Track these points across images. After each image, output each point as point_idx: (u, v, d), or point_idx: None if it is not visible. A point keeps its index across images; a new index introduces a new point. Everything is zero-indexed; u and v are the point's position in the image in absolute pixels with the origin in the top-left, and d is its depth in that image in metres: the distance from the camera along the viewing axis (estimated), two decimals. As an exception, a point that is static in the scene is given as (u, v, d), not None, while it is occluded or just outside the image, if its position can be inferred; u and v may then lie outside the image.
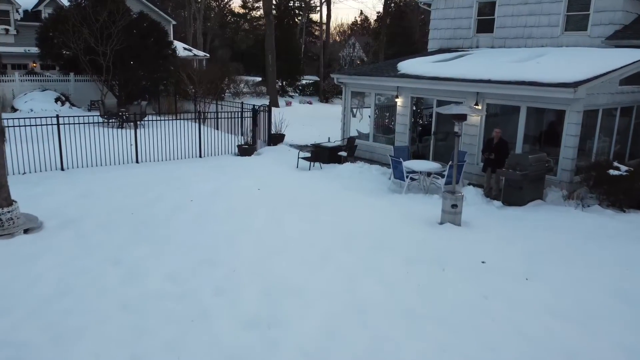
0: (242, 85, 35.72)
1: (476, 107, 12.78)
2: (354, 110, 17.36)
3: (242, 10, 72.07)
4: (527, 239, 8.68)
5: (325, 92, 35.91)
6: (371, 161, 15.75)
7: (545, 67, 12.20)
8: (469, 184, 12.51)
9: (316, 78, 42.15)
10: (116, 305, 6.23)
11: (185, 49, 51.01)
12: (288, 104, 32.69)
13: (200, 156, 15.21)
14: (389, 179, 12.74)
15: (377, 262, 7.62)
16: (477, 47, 17.31)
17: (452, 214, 9.12)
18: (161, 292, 6.59)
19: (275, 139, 17.91)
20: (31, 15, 31.71)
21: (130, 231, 8.73)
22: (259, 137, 17.38)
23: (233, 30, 73.15)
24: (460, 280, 7.07)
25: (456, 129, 9.06)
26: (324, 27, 45.88)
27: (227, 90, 34.51)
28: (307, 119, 26.30)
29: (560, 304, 6.49)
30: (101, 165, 13.54)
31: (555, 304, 6.50)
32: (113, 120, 19.32)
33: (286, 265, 7.49)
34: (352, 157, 14.96)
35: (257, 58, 41.28)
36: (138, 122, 18.98)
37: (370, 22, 64.58)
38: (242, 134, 16.84)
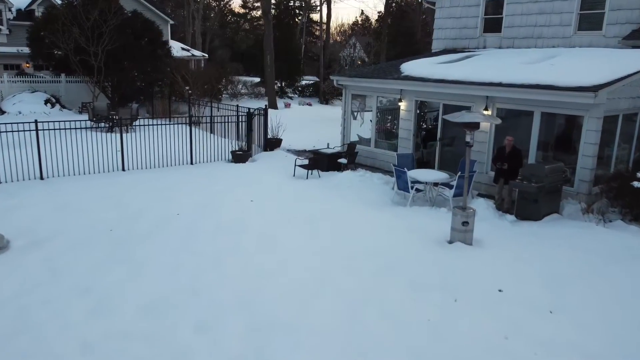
0: (239, 86, 34.86)
1: (485, 112, 11.93)
2: (355, 113, 16.50)
3: (242, 10, 71.44)
4: (546, 261, 7.80)
5: (325, 94, 35.04)
6: (373, 168, 14.89)
7: (561, 69, 11.33)
8: (478, 195, 11.64)
9: (317, 79, 41.30)
10: (78, 347, 5.37)
11: (183, 48, 50.26)
12: (287, 105, 31.84)
13: (191, 163, 14.34)
14: (392, 189, 11.88)
15: (380, 289, 6.76)
16: (484, 47, 16.44)
17: (462, 232, 8.26)
18: (132, 330, 5.73)
19: (272, 144, 17.06)
20: (24, 14, 30.92)
21: (106, 252, 7.86)
22: (254, 142, 16.54)
23: (233, 30, 72.51)
24: (476, 313, 6.20)
25: (468, 138, 8.18)
26: (324, 26, 45.02)
27: (225, 92, 33.69)
28: (306, 122, 25.44)
29: (592, 345, 5.62)
30: (84, 173, 12.68)
31: (585, 344, 5.63)
32: (102, 124, 18.45)
33: (278, 294, 6.62)
34: (353, 164, 14.10)
35: (257, 58, 40.42)
36: (128, 126, 18.20)
37: (371, 22, 63.77)
38: (237, 139, 15.98)
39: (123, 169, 13.22)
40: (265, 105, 16.55)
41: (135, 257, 7.66)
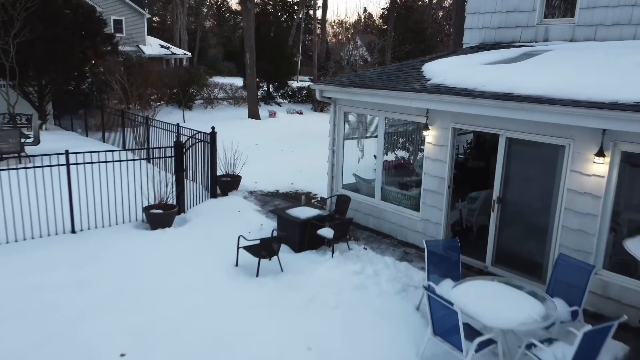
0: (216, 90, 29.05)
1: (599, 158, 6.15)
2: (355, 140, 10.68)
3: (240, 8, 66.35)
4: None
5: (318, 101, 29.14)
6: (378, 234, 9.12)
7: None
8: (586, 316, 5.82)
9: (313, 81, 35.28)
10: None
11: (162, 46, 44.67)
12: (272, 114, 26.04)
13: (73, 231, 8.51)
14: (417, 308, 6.09)
15: None
16: (546, 40, 10.60)
17: None
18: None
19: (226, 185, 11.27)
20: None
21: None
22: (199, 180, 10.79)
23: (230, 29, 67.53)
24: None
25: None
26: (319, 23, 39.16)
27: (198, 97, 27.94)
28: (291, 139, 19.66)
29: None
30: None
31: None
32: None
33: None
34: (344, 237, 8.19)
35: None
36: (20, 157, 12.45)
37: (374, 20, 58.05)
38: (181, 173, 10.06)
39: None
40: (212, 128, 10.77)
41: None
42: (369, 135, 10.28)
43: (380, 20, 49.24)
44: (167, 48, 43.66)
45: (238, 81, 33.52)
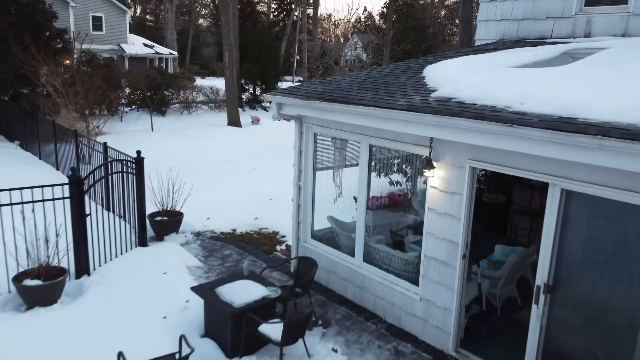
0: (195, 93, 26.26)
1: None
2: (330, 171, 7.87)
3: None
4: None
5: (310, 104, 26.35)
6: (359, 311, 6.32)
7: None
8: None
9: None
10: None
11: (146, 45, 42.01)
12: (255, 120, 23.25)
13: None
14: None
15: None
16: (588, 35, 7.79)
17: None
18: None
19: (160, 226, 8.46)
20: None
21: None
22: (125, 217, 7.99)
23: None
24: None
25: None
26: (311, 19, 36.33)
27: (174, 100, 25.17)
28: (270, 152, 16.86)
29: None
30: None
31: None
32: None
33: None
34: (301, 336, 5.29)
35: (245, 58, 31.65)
36: None
37: (374, 19, 55.29)
38: (82, 221, 7.16)
39: None
40: (138, 152, 7.99)
41: None
42: (349, 163, 7.49)
43: (380, 20, 46.61)
44: (151, 47, 40.92)
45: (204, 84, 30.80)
